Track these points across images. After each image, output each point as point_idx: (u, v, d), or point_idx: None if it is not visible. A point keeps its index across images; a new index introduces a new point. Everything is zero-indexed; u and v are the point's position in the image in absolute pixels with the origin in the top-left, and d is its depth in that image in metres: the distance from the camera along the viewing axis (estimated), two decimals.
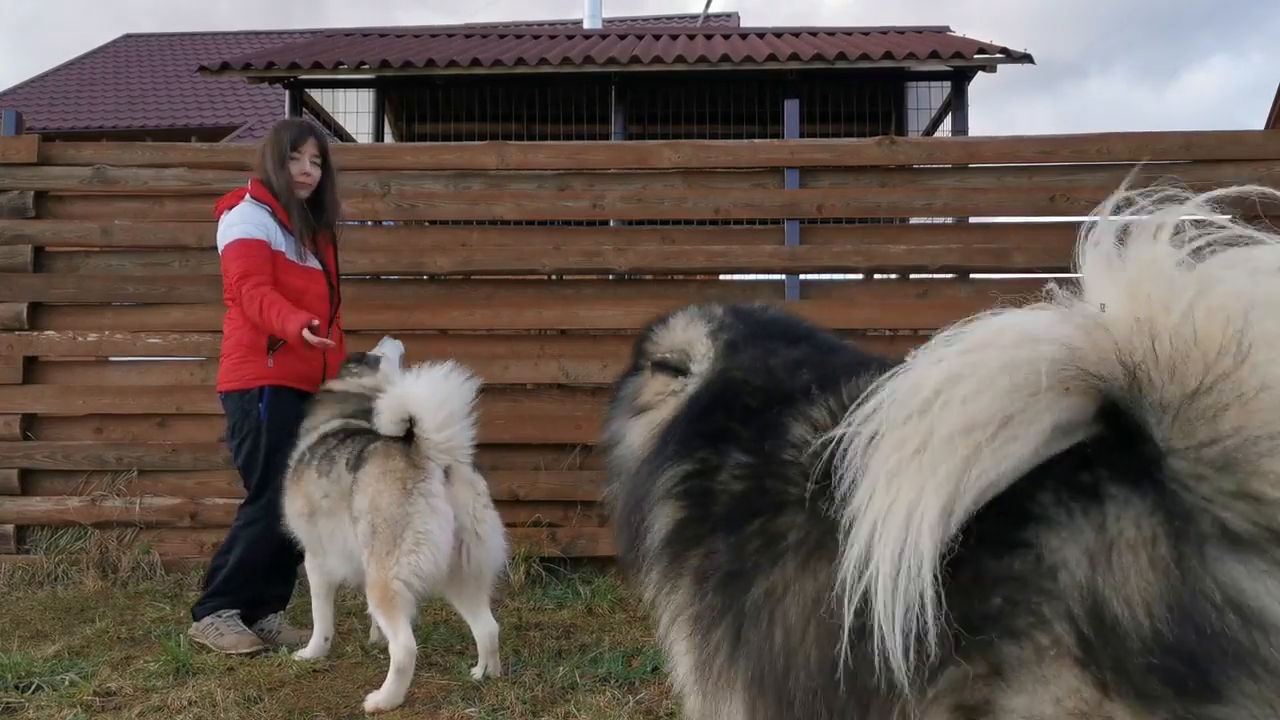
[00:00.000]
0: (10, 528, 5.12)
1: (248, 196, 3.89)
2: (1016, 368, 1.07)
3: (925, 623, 1.00)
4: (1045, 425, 1.04)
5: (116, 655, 3.63)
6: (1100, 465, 1.05)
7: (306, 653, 3.66)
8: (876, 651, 1.06)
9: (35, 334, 5.25)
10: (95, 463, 5.15)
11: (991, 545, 1.06)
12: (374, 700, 3.10)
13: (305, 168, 3.93)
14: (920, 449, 1.05)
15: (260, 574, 3.90)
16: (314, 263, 3.98)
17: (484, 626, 3.45)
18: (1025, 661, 1.02)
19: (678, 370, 1.82)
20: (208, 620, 3.81)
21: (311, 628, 3.76)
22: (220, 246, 3.86)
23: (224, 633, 3.76)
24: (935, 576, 1.03)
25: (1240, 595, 0.94)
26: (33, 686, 3.24)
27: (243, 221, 3.82)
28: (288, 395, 3.86)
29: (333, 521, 3.50)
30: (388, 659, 3.21)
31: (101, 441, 5.19)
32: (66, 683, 3.27)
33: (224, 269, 3.85)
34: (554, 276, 5.36)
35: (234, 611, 3.84)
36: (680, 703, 1.66)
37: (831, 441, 1.23)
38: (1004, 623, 1.03)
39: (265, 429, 3.79)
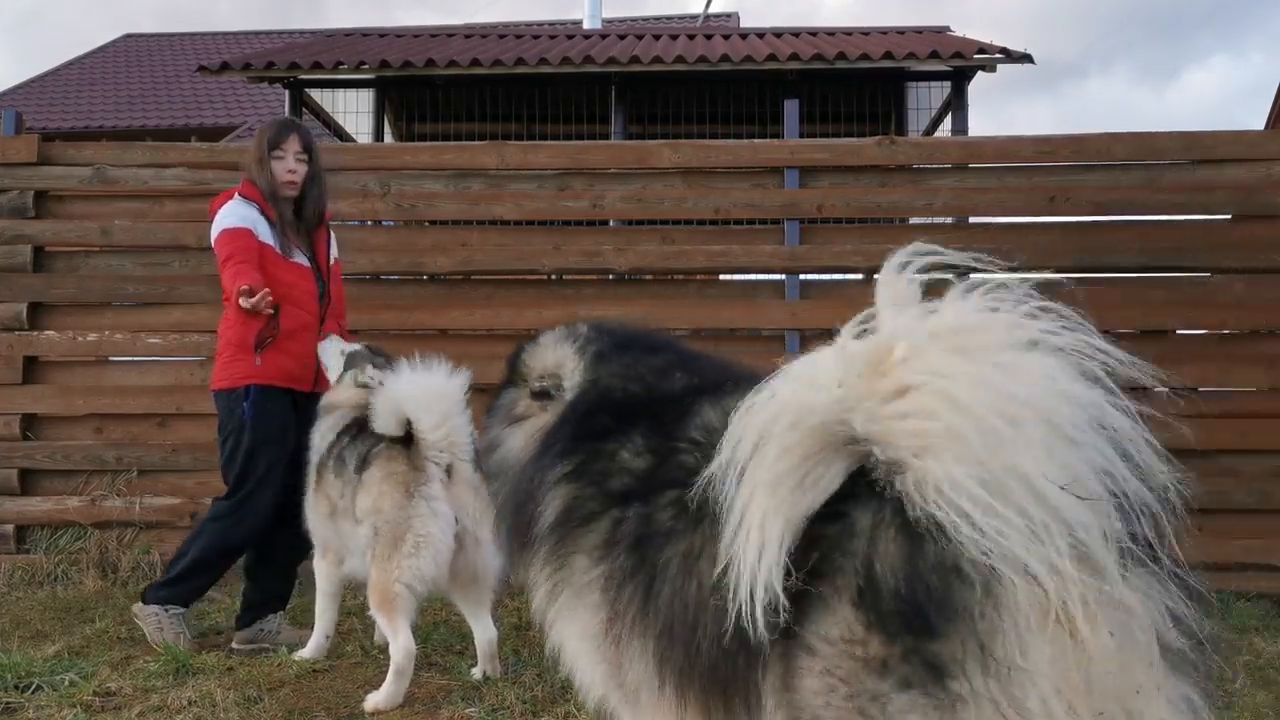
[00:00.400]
0: (10, 528, 5.12)
1: (236, 194, 3.91)
2: (801, 441, 1.38)
3: (776, 592, 1.34)
4: (835, 472, 1.38)
5: (116, 655, 3.62)
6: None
7: (306, 652, 3.66)
8: (745, 614, 1.37)
9: (35, 334, 5.25)
10: (95, 463, 5.15)
11: (822, 512, 1.39)
12: (373, 701, 3.11)
13: (290, 165, 3.91)
14: (754, 487, 1.38)
15: (216, 565, 3.89)
16: (302, 259, 3.96)
17: (484, 632, 3.45)
18: (825, 598, 1.36)
19: (550, 394, 2.04)
20: (155, 609, 3.80)
21: (311, 628, 3.76)
22: (212, 240, 3.88)
23: (164, 628, 3.74)
24: (781, 567, 1.34)
25: (952, 559, 1.27)
26: (33, 686, 3.24)
27: (229, 214, 3.85)
28: (275, 394, 3.83)
29: (349, 521, 3.50)
30: (388, 659, 3.21)
31: (101, 441, 5.19)
32: (66, 683, 3.27)
33: (218, 264, 3.86)
34: (554, 276, 5.36)
35: (180, 610, 3.83)
36: (561, 661, 1.91)
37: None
38: (819, 569, 1.37)
39: (248, 427, 3.76)
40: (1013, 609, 1.24)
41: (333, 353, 3.89)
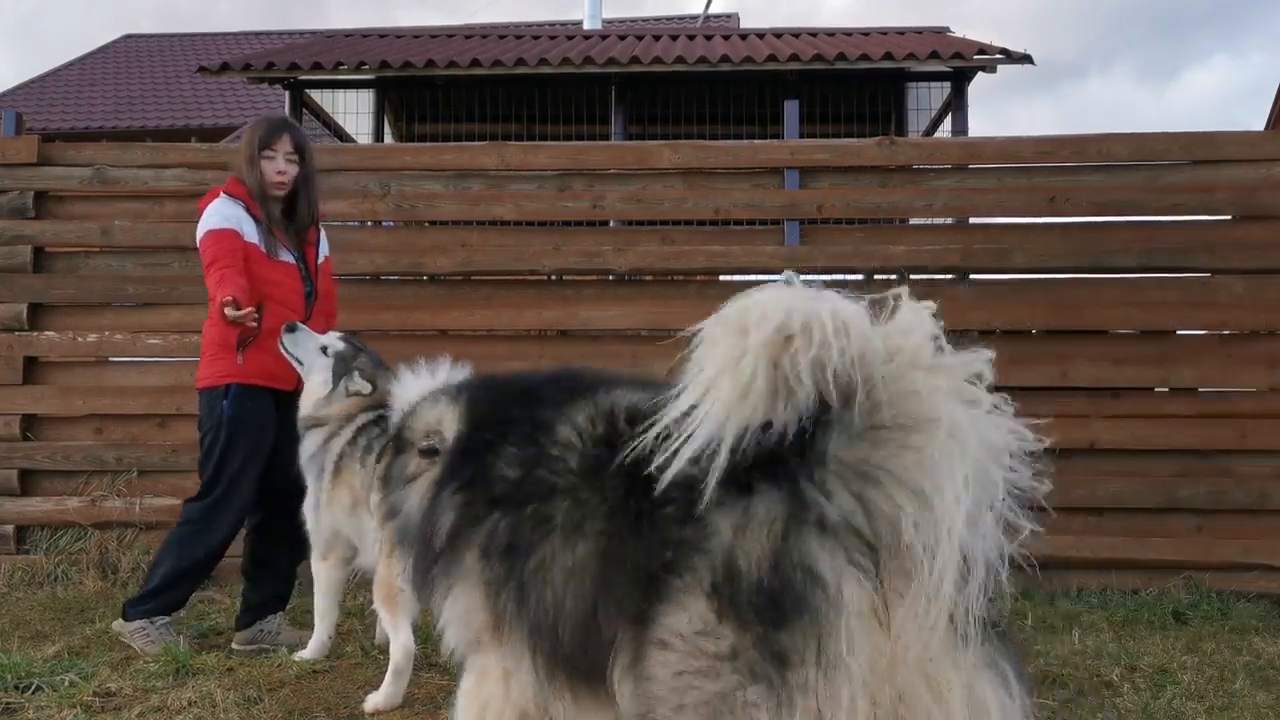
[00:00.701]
0: (10, 528, 5.12)
1: (222, 193, 3.87)
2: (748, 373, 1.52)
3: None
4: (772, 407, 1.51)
5: (116, 656, 3.62)
6: (754, 469, 1.52)
7: (306, 653, 3.66)
8: (601, 608, 1.64)
9: (35, 334, 5.25)
10: (95, 463, 5.15)
11: (676, 517, 1.57)
12: (373, 701, 3.11)
13: (280, 166, 3.87)
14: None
15: (193, 575, 3.85)
16: (288, 257, 3.93)
17: None
18: (677, 591, 1.52)
19: (437, 450, 2.22)
20: (140, 623, 3.76)
21: (311, 628, 3.76)
22: (197, 243, 3.84)
23: (154, 640, 3.70)
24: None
25: (811, 562, 1.43)
26: (33, 687, 3.24)
27: (214, 214, 3.81)
28: (256, 393, 3.80)
29: (369, 514, 3.47)
30: (388, 659, 3.20)
31: (101, 442, 5.19)
32: (66, 683, 3.27)
33: (202, 266, 3.83)
34: (554, 277, 5.36)
35: (166, 619, 3.80)
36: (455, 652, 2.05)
37: (599, 442, 1.81)
38: (673, 566, 1.54)
39: (225, 425, 3.74)
40: (848, 611, 1.42)
41: (309, 348, 3.71)
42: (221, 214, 3.81)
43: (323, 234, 4.18)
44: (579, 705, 1.82)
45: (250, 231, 3.82)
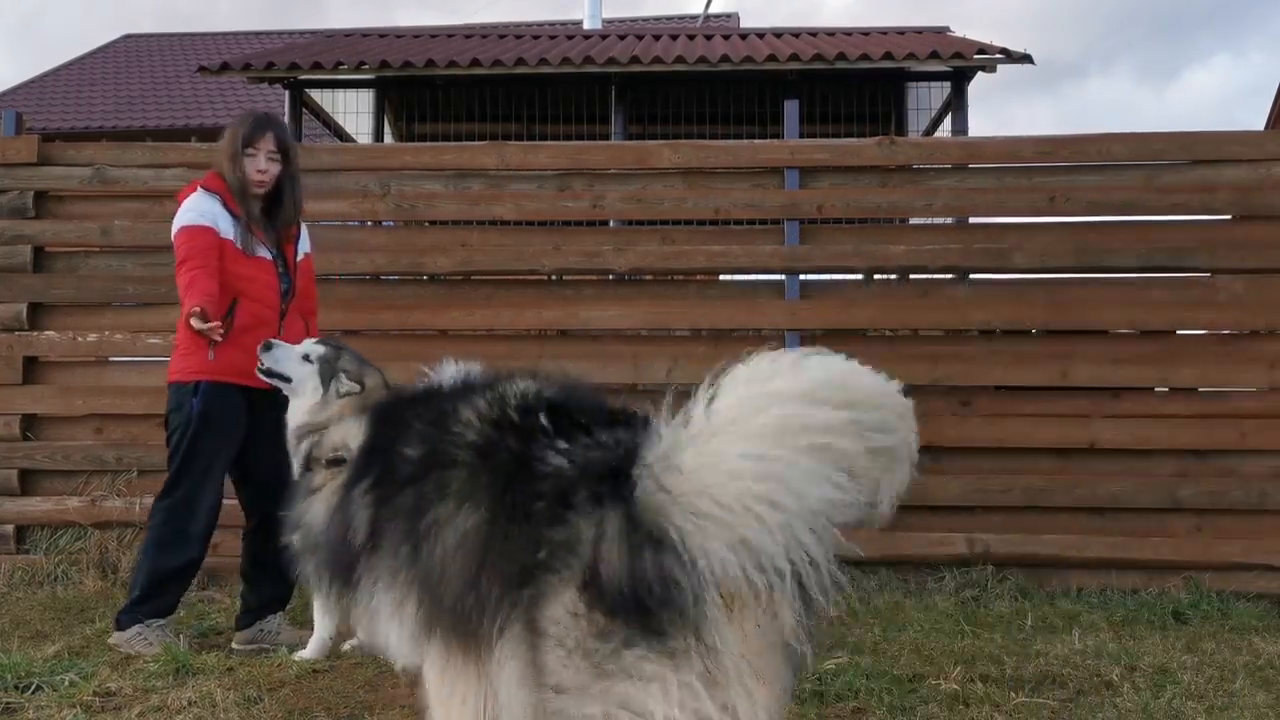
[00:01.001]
0: (10, 528, 5.13)
1: (199, 187, 3.81)
2: None
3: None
4: None
5: (116, 656, 3.62)
6: (610, 481, 1.77)
7: (307, 653, 3.66)
8: (485, 581, 1.87)
9: (35, 334, 5.25)
10: (95, 463, 5.15)
11: (549, 520, 1.80)
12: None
13: (261, 165, 3.80)
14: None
15: (176, 578, 3.82)
16: (265, 253, 3.86)
17: None
18: (554, 585, 1.76)
19: (343, 459, 2.48)
20: (135, 629, 3.72)
21: (312, 627, 3.76)
22: (172, 237, 3.80)
23: (152, 642, 3.67)
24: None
25: (660, 569, 1.66)
26: (33, 687, 3.24)
27: (189, 209, 3.76)
28: (227, 391, 3.75)
29: None
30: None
31: (101, 442, 5.19)
32: (66, 683, 3.27)
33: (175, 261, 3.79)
34: (554, 277, 5.36)
35: (161, 621, 3.77)
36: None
37: (499, 423, 2.05)
38: (548, 565, 1.77)
39: (194, 422, 3.70)
40: (710, 607, 1.66)
41: (291, 360, 3.38)
42: (197, 209, 3.76)
43: (304, 231, 4.12)
44: (448, 661, 2.02)
45: (226, 227, 3.77)
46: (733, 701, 1.66)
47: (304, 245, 4.09)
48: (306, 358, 3.38)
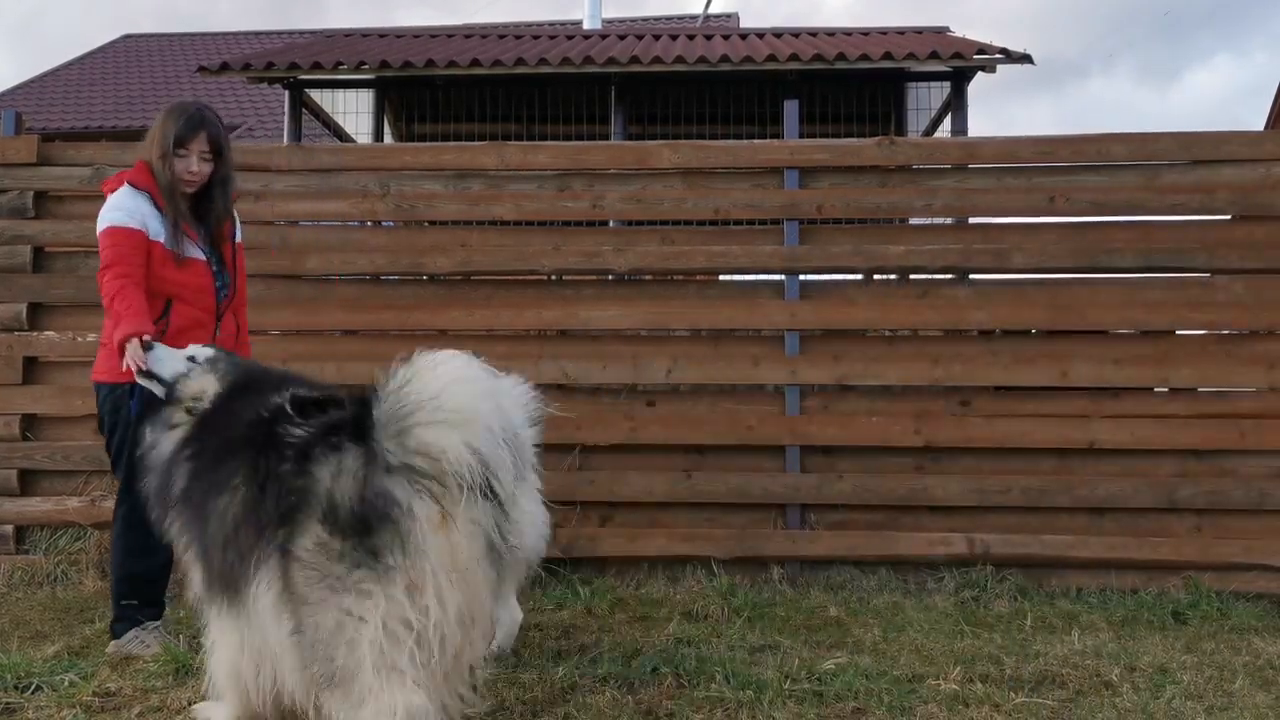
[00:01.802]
0: (10, 528, 5.13)
1: (127, 182, 3.66)
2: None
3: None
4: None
5: (116, 656, 3.62)
6: (344, 433, 2.33)
7: None
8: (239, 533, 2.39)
9: (35, 334, 5.25)
10: (95, 463, 5.14)
11: (294, 474, 2.32)
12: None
13: (192, 166, 3.66)
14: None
15: (153, 580, 3.75)
16: (197, 254, 3.74)
17: (509, 614, 3.68)
18: (301, 520, 2.26)
19: (196, 410, 2.90)
20: (131, 634, 3.70)
21: None
22: (97, 232, 3.65)
23: (150, 644, 3.65)
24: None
25: (387, 490, 2.21)
26: (32, 687, 3.24)
27: (116, 208, 3.61)
28: None
29: None
30: None
31: (101, 442, 5.17)
32: (66, 683, 3.27)
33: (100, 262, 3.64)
34: (554, 277, 5.36)
35: (156, 624, 3.74)
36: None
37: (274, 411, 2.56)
38: (296, 505, 2.28)
39: (136, 425, 3.55)
40: (420, 519, 2.21)
41: (174, 361, 3.22)
42: (125, 208, 3.61)
43: (237, 221, 3.97)
44: (227, 611, 2.51)
45: (156, 228, 3.63)
46: (427, 604, 2.19)
47: (237, 234, 3.96)
48: (191, 359, 3.21)
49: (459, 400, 2.20)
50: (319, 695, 2.28)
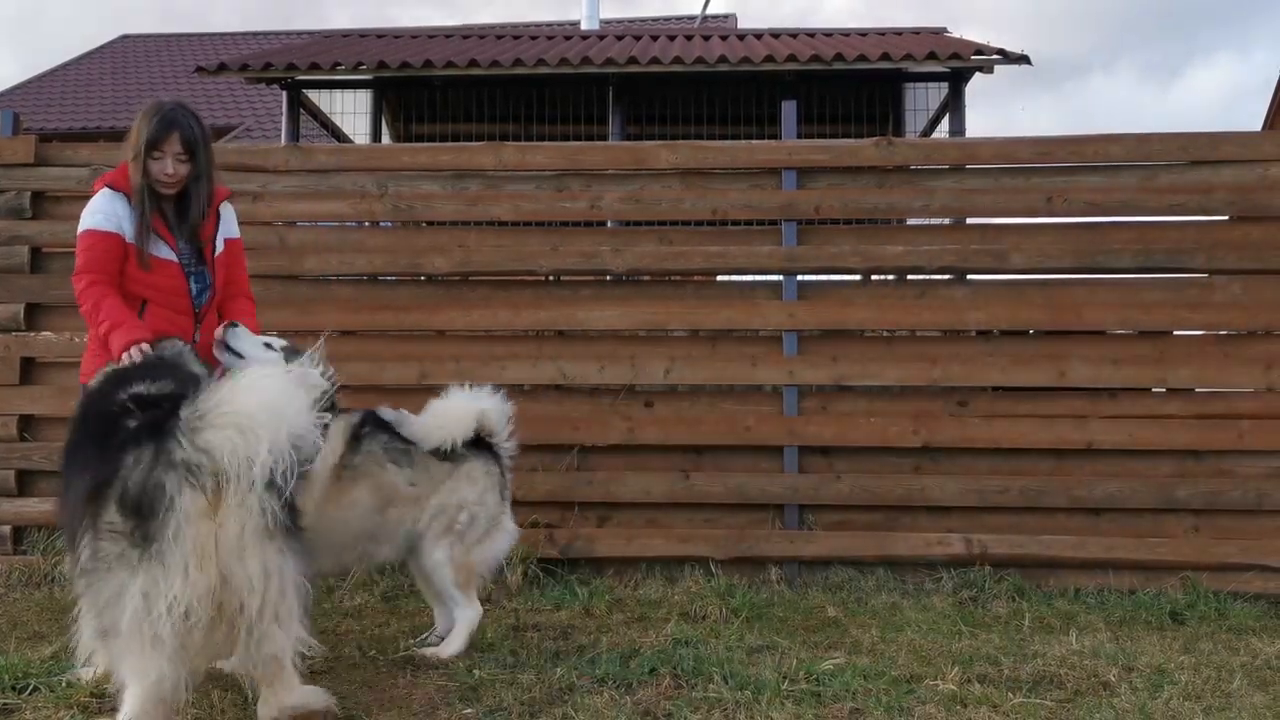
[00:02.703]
0: (8, 529, 5.12)
1: (107, 186, 3.62)
2: None
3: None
4: None
5: None
6: (151, 429, 2.66)
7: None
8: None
9: (32, 335, 5.24)
10: None
11: (115, 459, 2.65)
12: (450, 649, 3.66)
13: (168, 169, 3.60)
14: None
15: None
16: (168, 255, 3.66)
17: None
18: (105, 501, 2.63)
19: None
20: None
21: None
22: (77, 236, 3.63)
23: None
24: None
25: (161, 482, 2.55)
26: (30, 688, 3.23)
27: (95, 211, 3.58)
28: None
29: (414, 509, 3.75)
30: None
31: None
32: (64, 684, 3.26)
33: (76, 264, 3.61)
34: (551, 277, 5.36)
35: None
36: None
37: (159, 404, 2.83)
38: (107, 483, 2.64)
39: None
40: (182, 509, 2.55)
41: (253, 345, 3.71)
42: (103, 211, 3.58)
43: (228, 214, 3.90)
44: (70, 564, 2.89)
45: (131, 231, 3.61)
46: (174, 583, 2.53)
47: (226, 230, 3.87)
48: (268, 345, 3.80)
49: (239, 406, 2.56)
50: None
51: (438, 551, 3.72)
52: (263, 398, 2.59)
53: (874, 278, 5.31)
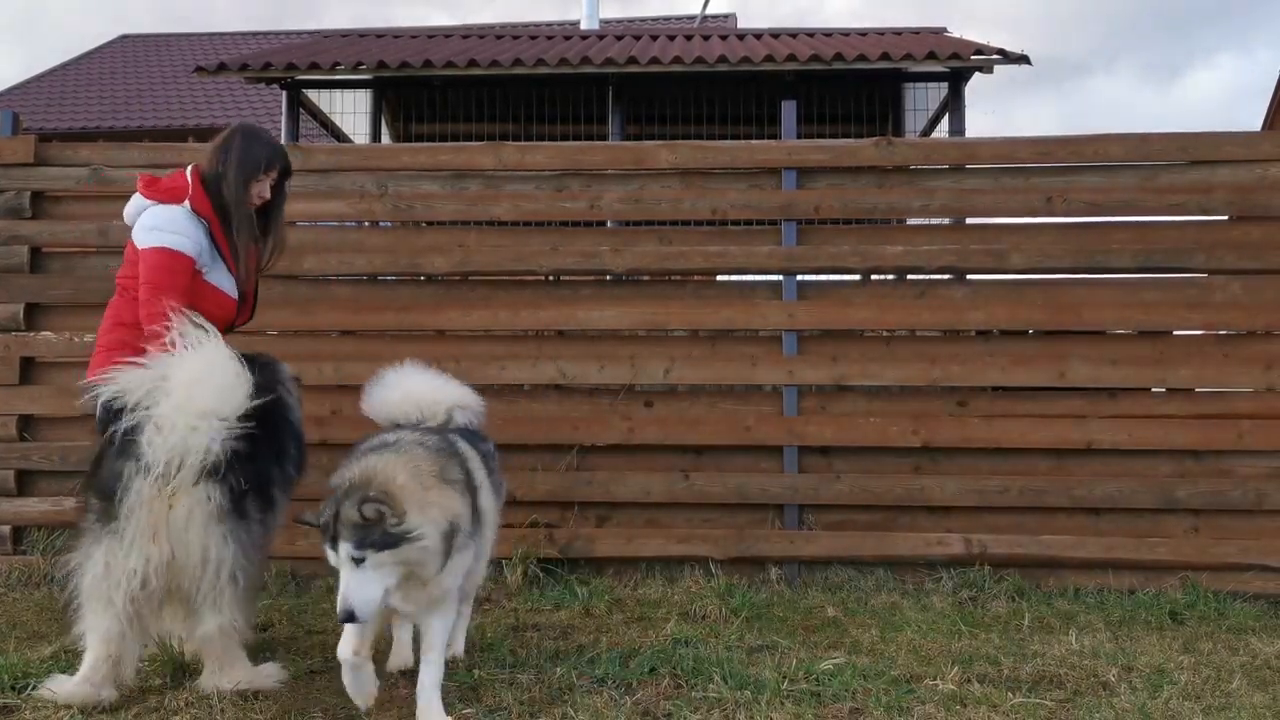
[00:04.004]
0: (7, 529, 5.12)
1: (187, 205, 3.55)
2: None
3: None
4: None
5: None
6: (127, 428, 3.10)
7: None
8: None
9: (32, 335, 5.24)
10: None
11: (107, 452, 3.14)
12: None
13: (265, 191, 3.68)
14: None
15: None
16: (229, 286, 3.68)
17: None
18: (94, 485, 3.16)
19: None
20: None
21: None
22: (140, 239, 3.53)
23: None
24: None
25: (119, 470, 3.04)
26: (29, 688, 3.23)
27: (177, 231, 3.51)
28: None
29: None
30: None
31: (98, 442, 5.17)
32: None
33: (138, 264, 3.54)
34: (551, 277, 5.36)
35: None
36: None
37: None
38: (94, 474, 3.19)
39: None
40: (136, 493, 2.98)
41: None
42: (187, 234, 3.52)
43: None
44: None
45: (204, 261, 3.58)
46: (134, 557, 2.96)
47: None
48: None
49: (171, 406, 2.97)
50: None
51: (475, 567, 3.40)
52: (207, 393, 3.01)
53: (874, 278, 5.31)
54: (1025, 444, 4.98)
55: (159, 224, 3.53)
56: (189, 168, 3.67)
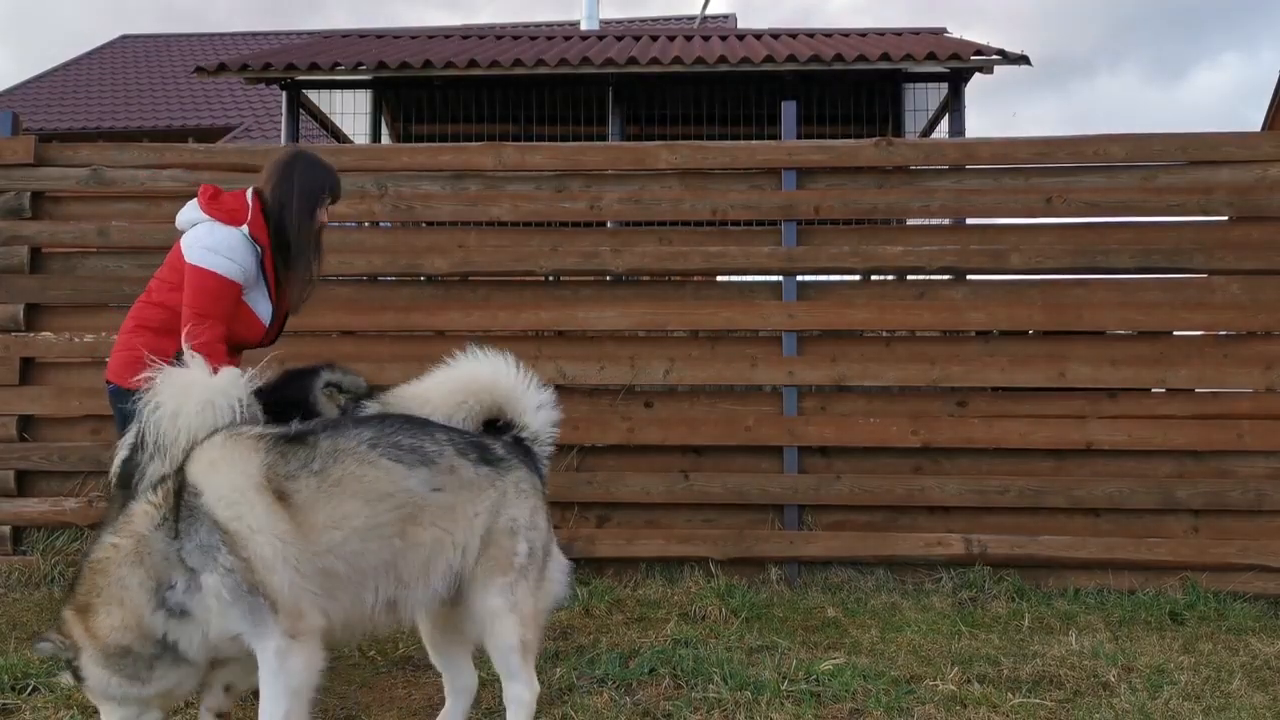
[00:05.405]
0: (7, 529, 5.12)
1: (246, 230, 3.44)
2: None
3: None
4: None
5: None
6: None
7: None
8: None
9: (32, 335, 5.24)
10: (92, 464, 5.14)
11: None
12: None
13: (325, 218, 3.64)
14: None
15: None
16: (265, 312, 3.59)
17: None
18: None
19: None
20: None
21: None
22: (193, 257, 3.41)
23: None
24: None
25: (138, 461, 3.01)
26: (29, 688, 3.24)
27: (232, 258, 3.40)
28: None
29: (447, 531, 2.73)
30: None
31: (98, 443, 5.18)
32: (63, 684, 3.26)
33: (178, 270, 3.46)
34: (551, 278, 5.36)
35: None
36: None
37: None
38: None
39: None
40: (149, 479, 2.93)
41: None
42: (241, 263, 3.42)
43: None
44: None
45: (250, 285, 3.49)
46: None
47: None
48: None
49: (161, 415, 2.96)
50: None
51: (511, 595, 2.64)
52: (192, 400, 3.00)
53: (874, 278, 5.31)
54: (1025, 444, 4.98)
55: (217, 246, 3.41)
56: (249, 190, 3.55)
